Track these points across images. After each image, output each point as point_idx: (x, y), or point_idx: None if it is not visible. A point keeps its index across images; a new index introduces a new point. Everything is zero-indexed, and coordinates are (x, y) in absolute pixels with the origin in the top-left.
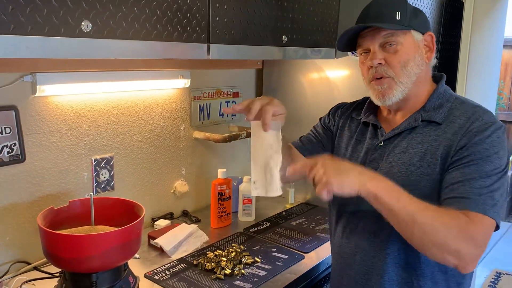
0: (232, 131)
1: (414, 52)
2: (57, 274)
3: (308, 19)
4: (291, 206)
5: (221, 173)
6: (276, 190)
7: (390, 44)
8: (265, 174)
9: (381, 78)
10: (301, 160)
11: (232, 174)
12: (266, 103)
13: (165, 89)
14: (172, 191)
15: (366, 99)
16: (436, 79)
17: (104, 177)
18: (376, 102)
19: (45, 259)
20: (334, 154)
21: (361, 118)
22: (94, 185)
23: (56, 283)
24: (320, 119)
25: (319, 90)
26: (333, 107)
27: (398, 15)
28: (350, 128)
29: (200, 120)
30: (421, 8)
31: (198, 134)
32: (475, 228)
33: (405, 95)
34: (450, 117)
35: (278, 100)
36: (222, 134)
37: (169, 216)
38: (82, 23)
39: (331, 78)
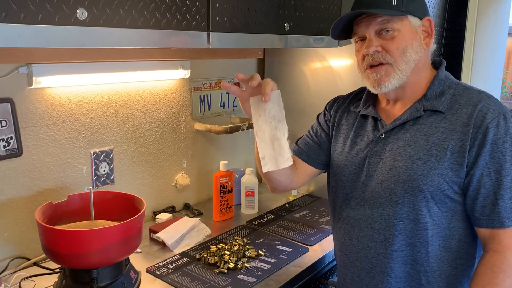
0: (234, 122)
1: (412, 39)
2: (57, 270)
3: (311, 6)
4: (294, 198)
5: (223, 165)
6: (287, 159)
7: (387, 31)
8: (272, 146)
9: (377, 65)
10: (300, 165)
11: (234, 166)
12: (265, 79)
13: (164, 80)
14: (173, 184)
15: (363, 89)
16: (435, 66)
17: (104, 171)
18: (372, 90)
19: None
20: (332, 149)
21: (359, 111)
22: (94, 178)
23: (56, 279)
24: (318, 116)
25: (322, 79)
26: (329, 102)
27: (394, 0)
28: (347, 121)
29: (200, 111)
30: None
31: (199, 126)
32: None
33: (403, 83)
34: (454, 105)
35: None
36: (223, 125)
37: (171, 209)
38: (77, 10)
39: (334, 67)
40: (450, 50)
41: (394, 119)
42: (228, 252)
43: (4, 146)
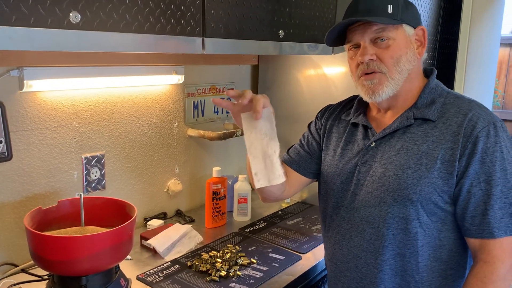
0: (227, 128)
1: (406, 48)
2: (46, 277)
3: (306, 13)
4: (287, 205)
5: (215, 171)
6: (278, 176)
7: (382, 39)
8: (264, 163)
9: (372, 73)
10: (291, 174)
11: (227, 172)
12: (256, 95)
13: (158, 85)
14: (165, 190)
15: (355, 97)
16: (427, 74)
17: (95, 176)
18: (365, 98)
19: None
20: (323, 158)
21: (350, 119)
22: (85, 184)
23: (45, 286)
24: (309, 125)
25: (316, 87)
26: (321, 110)
27: (390, 8)
28: (338, 129)
29: (194, 117)
30: (419, 4)
31: (192, 132)
32: (503, 265)
33: (396, 92)
34: (445, 114)
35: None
36: (216, 131)
37: (162, 216)
38: (70, 14)
39: (328, 74)
40: (443, 59)
41: (384, 128)
42: (220, 260)
43: None
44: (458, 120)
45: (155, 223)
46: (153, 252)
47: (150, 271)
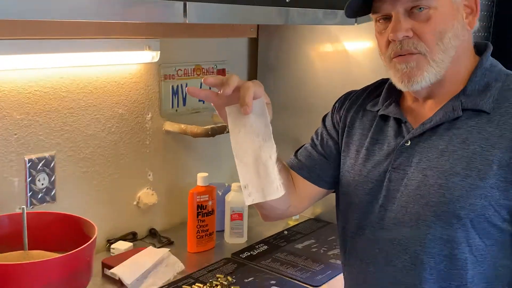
0: (217, 122)
1: (453, 18)
2: None
3: None
4: (295, 223)
5: (201, 178)
6: (276, 189)
7: (420, 8)
8: (257, 171)
9: (407, 54)
10: (301, 184)
11: (216, 180)
12: (245, 81)
13: (125, 65)
14: (135, 203)
15: (385, 81)
16: (479, 51)
17: (42, 184)
18: (399, 86)
19: None
20: (342, 161)
21: (378, 110)
22: (28, 195)
23: None
24: (324, 118)
25: (334, 67)
26: (339, 98)
27: None
28: (362, 124)
29: (173, 107)
30: None
31: (170, 126)
32: None
33: (440, 78)
34: (503, 104)
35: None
36: (203, 126)
37: (131, 237)
38: None
39: (350, 51)
40: (501, 31)
41: (423, 122)
42: None
43: None
44: None
45: (121, 246)
46: (119, 284)
47: None
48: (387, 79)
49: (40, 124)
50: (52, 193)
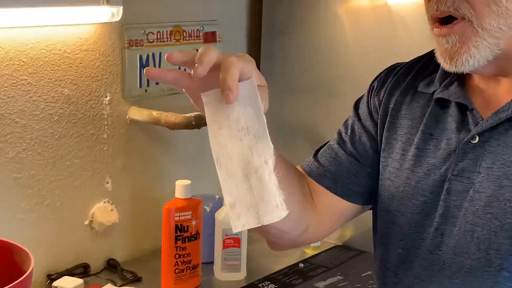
0: None
1: None
2: None
3: None
4: (315, 253)
5: (181, 188)
6: (276, 208)
7: None
8: (248, 183)
9: (448, 19)
10: (323, 198)
11: (202, 190)
12: (227, 55)
13: (74, 26)
14: (87, 222)
15: None
16: None
17: None
18: (444, 66)
19: None
20: (381, 165)
21: (434, 91)
22: None
23: None
24: (356, 104)
25: (371, 32)
26: (379, 75)
27: None
28: (411, 111)
29: (141, 86)
30: None
31: (137, 113)
32: None
33: (501, 52)
34: None
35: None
36: (183, 113)
37: (82, 270)
38: None
39: (393, 7)
40: None
41: (497, 110)
42: None
43: None
44: None
45: (67, 284)
46: None
47: None
48: None
49: None
50: None
